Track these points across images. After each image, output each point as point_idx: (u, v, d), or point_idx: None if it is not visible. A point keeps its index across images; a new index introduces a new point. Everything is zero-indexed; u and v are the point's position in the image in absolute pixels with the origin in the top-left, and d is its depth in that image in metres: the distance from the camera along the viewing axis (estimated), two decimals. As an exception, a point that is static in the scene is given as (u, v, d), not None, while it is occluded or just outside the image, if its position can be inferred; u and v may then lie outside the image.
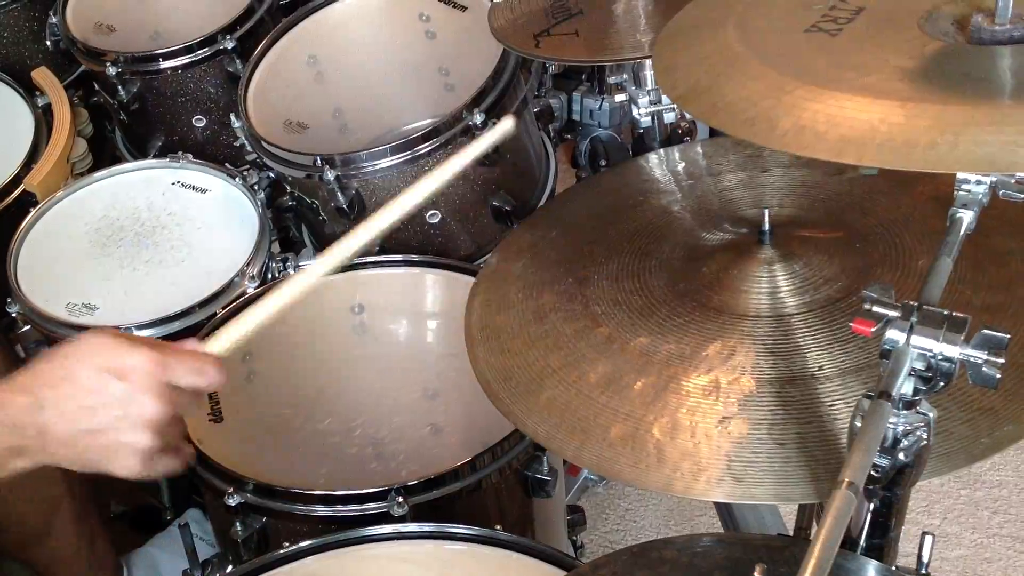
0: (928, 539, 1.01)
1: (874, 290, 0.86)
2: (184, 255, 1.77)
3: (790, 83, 0.90)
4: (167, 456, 1.08)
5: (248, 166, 1.90)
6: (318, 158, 1.69)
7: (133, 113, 2.07)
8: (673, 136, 1.67)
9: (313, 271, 1.15)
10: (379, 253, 1.72)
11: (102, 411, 1.02)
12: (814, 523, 1.14)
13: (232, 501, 1.35)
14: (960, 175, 0.92)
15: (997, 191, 0.93)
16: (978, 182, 0.92)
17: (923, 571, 1.01)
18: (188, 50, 2.00)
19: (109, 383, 1.02)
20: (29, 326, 1.70)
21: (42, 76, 2.14)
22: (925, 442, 0.87)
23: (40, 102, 2.08)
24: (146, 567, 1.81)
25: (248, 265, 1.70)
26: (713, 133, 1.74)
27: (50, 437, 1.02)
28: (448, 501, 1.35)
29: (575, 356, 1.13)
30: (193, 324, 1.64)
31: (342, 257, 1.15)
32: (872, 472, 0.87)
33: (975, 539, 1.97)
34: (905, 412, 0.86)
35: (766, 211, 1.17)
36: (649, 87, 1.62)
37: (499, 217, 1.79)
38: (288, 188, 1.83)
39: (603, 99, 2.14)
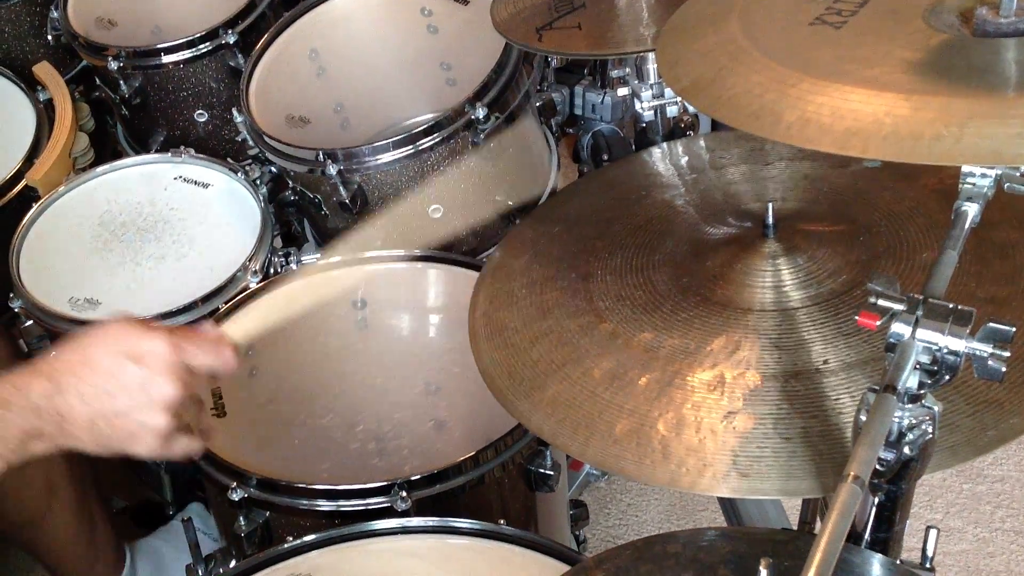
0: (933, 533, 1.01)
1: (879, 283, 0.86)
2: (186, 250, 1.77)
3: (794, 76, 0.90)
4: (186, 437, 1.10)
5: (250, 161, 1.90)
6: (320, 152, 1.69)
7: (135, 108, 2.07)
8: (676, 130, 1.67)
9: (338, 275, 1.18)
10: (381, 248, 1.72)
11: (120, 394, 1.05)
12: (818, 517, 1.14)
13: (235, 496, 1.35)
14: (965, 168, 0.92)
15: (1002, 184, 0.93)
16: (983, 175, 0.92)
17: (927, 565, 1.01)
18: (190, 45, 2.00)
19: (127, 367, 1.05)
20: (32, 321, 1.70)
21: (43, 71, 2.13)
22: (930, 436, 0.87)
23: (42, 97, 2.08)
24: (150, 556, 1.82)
25: (250, 260, 1.70)
26: (715, 126, 1.74)
27: (69, 421, 1.05)
28: (451, 495, 1.35)
29: (579, 352, 1.12)
30: (196, 319, 1.64)
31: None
32: (877, 466, 0.87)
33: (978, 533, 1.97)
34: (910, 406, 0.85)
35: (770, 205, 1.17)
36: (652, 81, 1.62)
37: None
38: (290, 183, 1.83)
39: (605, 93, 2.14)
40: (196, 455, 1.13)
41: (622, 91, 1.71)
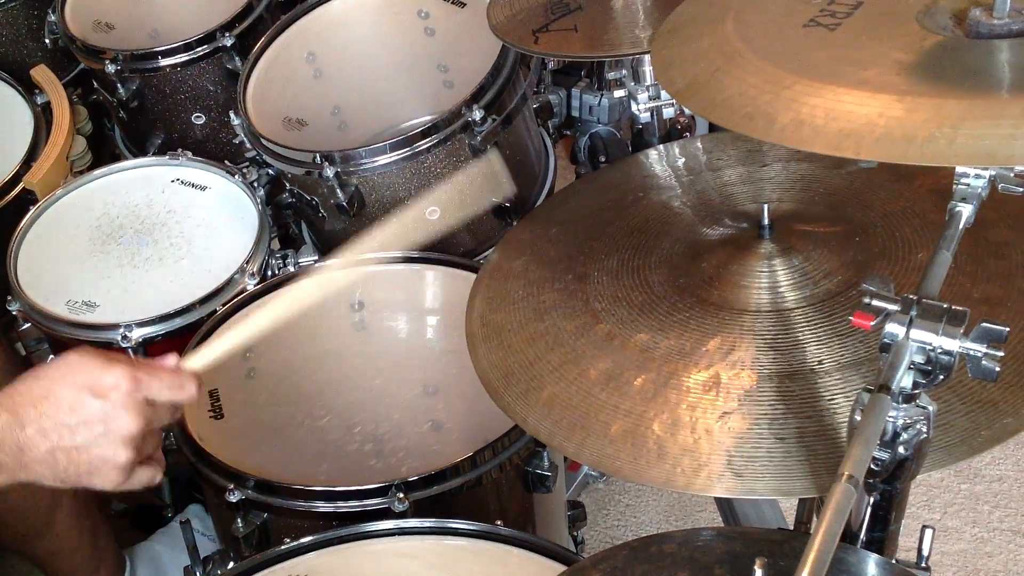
0: (928, 532, 1.02)
1: (873, 283, 0.86)
2: (184, 252, 1.77)
3: (789, 78, 0.90)
4: (145, 468, 1.10)
5: (247, 163, 1.90)
6: (317, 155, 1.69)
7: (132, 111, 2.07)
8: (672, 131, 1.67)
9: (301, 291, 1.17)
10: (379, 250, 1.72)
11: (81, 429, 1.04)
12: (814, 517, 1.14)
13: (233, 497, 1.35)
14: (959, 169, 0.92)
15: (996, 184, 0.93)
16: (977, 176, 0.92)
17: (923, 564, 1.02)
18: (187, 47, 2.00)
19: (88, 401, 1.04)
20: (29, 324, 1.70)
21: (41, 74, 2.14)
22: (925, 435, 0.87)
23: (39, 100, 2.08)
24: (149, 562, 1.82)
25: (248, 262, 1.70)
26: (712, 128, 1.74)
27: (28, 455, 1.04)
28: (449, 497, 1.35)
29: (575, 353, 1.13)
30: (193, 321, 1.64)
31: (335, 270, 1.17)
32: (872, 466, 0.87)
33: (976, 533, 1.98)
34: (905, 405, 0.86)
35: (765, 206, 1.17)
36: (648, 83, 1.62)
37: (499, 213, 1.79)
38: (287, 185, 1.83)
39: (602, 95, 2.14)
40: (153, 484, 1.13)
41: (619, 93, 1.72)
